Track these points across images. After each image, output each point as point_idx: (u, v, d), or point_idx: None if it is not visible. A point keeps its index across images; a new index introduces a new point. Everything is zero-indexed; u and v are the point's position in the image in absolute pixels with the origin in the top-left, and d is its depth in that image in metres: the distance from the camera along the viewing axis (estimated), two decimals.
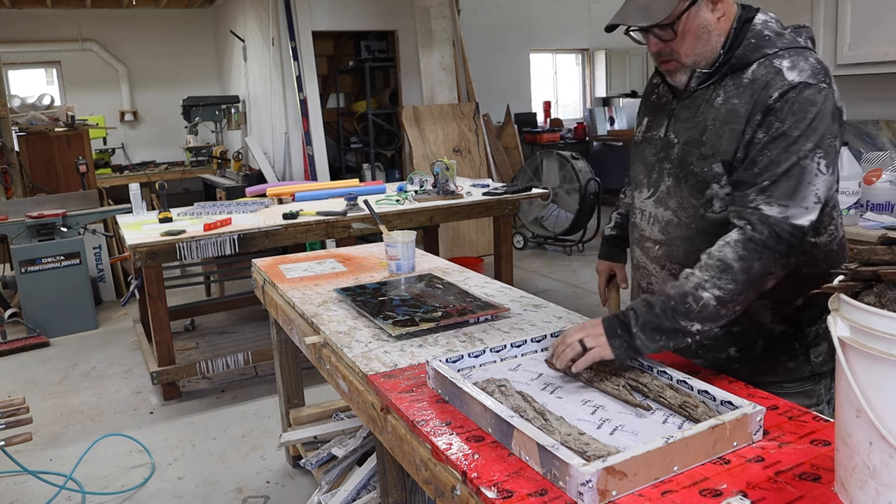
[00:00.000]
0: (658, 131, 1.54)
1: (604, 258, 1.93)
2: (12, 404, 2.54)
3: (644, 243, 1.59)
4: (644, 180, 1.57)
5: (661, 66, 1.47)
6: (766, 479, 1.04)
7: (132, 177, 7.21)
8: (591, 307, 4.91)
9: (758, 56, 1.37)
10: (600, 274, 1.93)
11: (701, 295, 1.29)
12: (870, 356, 0.86)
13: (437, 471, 1.18)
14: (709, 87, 1.43)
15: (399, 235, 2.33)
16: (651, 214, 1.55)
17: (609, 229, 1.92)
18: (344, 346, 1.70)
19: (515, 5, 9.35)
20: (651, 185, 1.55)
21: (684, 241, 1.48)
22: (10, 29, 7.40)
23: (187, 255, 3.41)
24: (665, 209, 1.51)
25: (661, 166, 1.52)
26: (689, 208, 1.46)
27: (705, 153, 1.40)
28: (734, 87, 1.39)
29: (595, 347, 1.34)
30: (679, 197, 1.47)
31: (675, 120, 1.49)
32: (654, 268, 1.57)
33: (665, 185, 1.50)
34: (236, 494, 2.76)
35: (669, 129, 1.51)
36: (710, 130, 1.40)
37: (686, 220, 1.47)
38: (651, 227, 1.56)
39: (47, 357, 4.43)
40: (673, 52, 1.42)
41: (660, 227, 1.53)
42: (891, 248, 0.92)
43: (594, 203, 6.43)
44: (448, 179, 4.22)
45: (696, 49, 1.40)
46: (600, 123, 10.19)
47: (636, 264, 1.65)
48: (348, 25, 6.49)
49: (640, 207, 1.59)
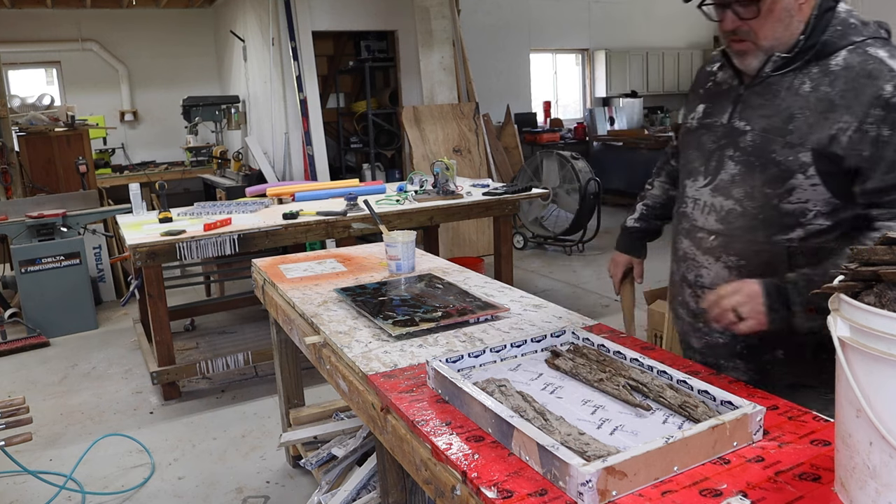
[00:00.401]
0: (719, 118, 1.49)
1: (623, 251, 1.86)
2: (12, 404, 2.54)
3: (695, 234, 1.52)
4: (700, 168, 1.52)
5: (733, 45, 1.42)
6: (766, 479, 1.04)
7: (132, 177, 7.20)
8: (592, 307, 4.92)
9: (846, 43, 1.33)
10: (617, 265, 1.86)
11: None
12: (870, 356, 0.86)
13: (437, 471, 1.18)
14: (787, 73, 1.38)
15: (399, 235, 2.33)
16: (707, 203, 1.49)
17: (632, 221, 1.86)
18: (344, 346, 1.70)
19: (515, 5, 9.35)
20: (709, 174, 1.49)
21: (746, 232, 1.42)
22: (10, 29, 7.40)
23: (187, 255, 3.41)
24: (726, 198, 1.45)
25: (721, 154, 1.47)
26: (759, 198, 1.40)
27: (792, 141, 1.35)
28: (822, 75, 1.34)
29: (752, 320, 1.31)
30: (748, 185, 1.42)
31: (745, 107, 1.44)
32: (705, 259, 1.50)
33: (727, 172, 1.45)
34: (236, 494, 2.76)
35: (735, 115, 1.46)
36: (799, 119, 1.35)
37: (752, 209, 1.41)
38: (706, 216, 1.49)
39: (47, 357, 4.43)
40: (750, 31, 1.37)
41: (717, 216, 1.47)
42: (891, 248, 0.92)
43: (594, 203, 6.43)
44: (448, 179, 4.22)
45: (776, 32, 1.36)
46: (600, 123, 10.20)
47: (682, 255, 1.58)
48: (348, 25, 6.49)
49: (694, 196, 1.53)
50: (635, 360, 1.42)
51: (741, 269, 1.44)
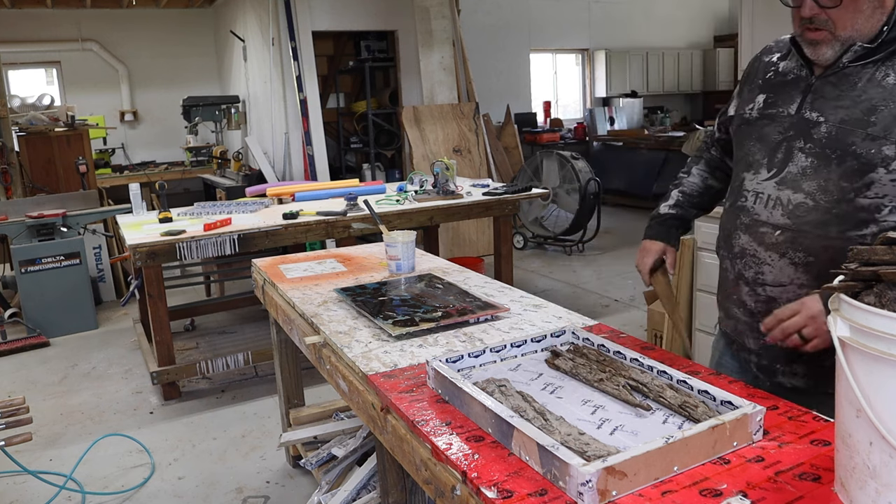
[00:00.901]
0: (786, 108, 1.44)
1: (656, 238, 1.73)
2: (12, 404, 2.54)
3: (757, 228, 1.46)
4: (763, 160, 1.46)
5: (808, 34, 1.37)
6: (766, 479, 1.04)
7: (132, 177, 7.20)
8: (592, 307, 4.92)
9: None
10: (648, 253, 1.72)
11: None
12: (870, 356, 0.86)
13: (437, 471, 1.18)
14: (867, 64, 1.34)
15: (399, 235, 2.33)
16: (772, 197, 1.43)
17: (666, 207, 1.76)
18: (344, 346, 1.70)
19: (515, 5, 9.35)
20: (774, 166, 1.44)
21: (817, 227, 1.37)
22: (10, 29, 7.40)
23: (187, 255, 3.41)
24: (795, 191, 1.40)
25: (789, 145, 1.42)
26: (834, 192, 1.35)
27: (874, 134, 1.30)
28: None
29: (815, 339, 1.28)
30: (822, 179, 1.37)
31: (817, 97, 1.39)
32: (768, 255, 1.44)
33: (798, 165, 1.40)
34: (236, 494, 2.76)
35: (805, 106, 1.41)
36: (882, 111, 1.30)
37: (826, 204, 1.36)
38: (771, 210, 1.43)
39: (47, 357, 4.43)
40: (829, 20, 1.32)
41: (784, 210, 1.41)
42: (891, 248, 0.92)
43: (594, 203, 6.43)
44: (448, 179, 4.22)
45: (857, 23, 1.31)
46: (600, 123, 10.20)
47: (739, 252, 1.50)
48: (348, 25, 6.49)
49: (756, 189, 1.47)
50: (635, 360, 1.42)
51: (809, 265, 1.39)
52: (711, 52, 11.15)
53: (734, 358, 1.63)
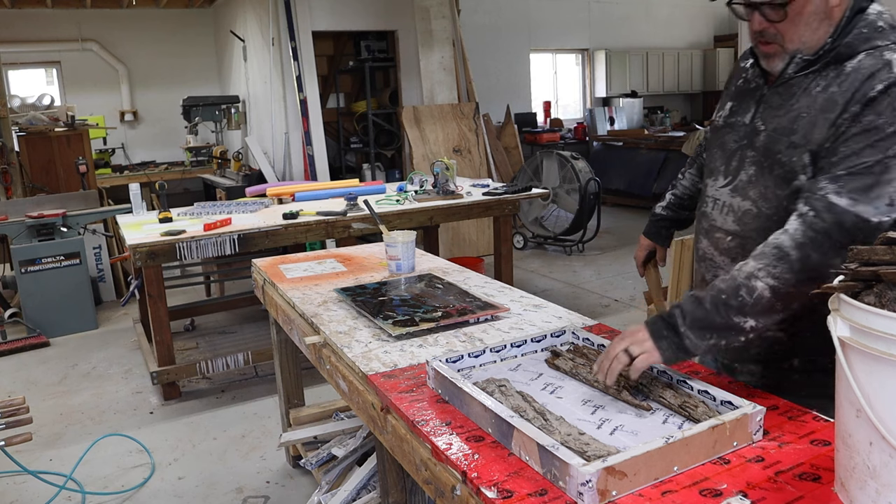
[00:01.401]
0: (743, 117, 1.47)
1: (647, 235, 1.88)
2: (12, 404, 2.54)
3: (714, 234, 1.51)
4: (721, 167, 1.50)
5: (760, 47, 1.40)
6: (766, 479, 1.04)
7: (132, 177, 7.20)
8: (592, 307, 4.92)
9: (867, 47, 1.29)
10: (640, 248, 1.88)
11: (754, 285, 1.22)
12: (870, 356, 0.86)
13: (437, 471, 1.18)
14: (807, 74, 1.36)
15: (399, 235, 2.33)
16: (726, 204, 1.47)
17: (660, 208, 1.86)
18: (344, 346, 1.70)
19: (515, 5, 9.36)
20: (729, 173, 1.47)
21: (761, 234, 1.39)
22: (10, 29, 7.40)
23: (187, 255, 3.41)
24: (744, 199, 1.43)
25: (742, 154, 1.44)
26: (772, 199, 1.39)
27: (796, 142, 1.33)
28: (835, 76, 1.31)
29: (642, 354, 1.26)
30: (762, 187, 1.40)
31: (766, 107, 1.42)
32: (722, 260, 1.49)
33: (746, 173, 1.43)
34: (236, 494, 2.76)
35: (757, 115, 1.44)
36: (804, 119, 1.33)
37: (767, 211, 1.40)
38: (725, 217, 1.47)
39: (47, 357, 4.43)
40: (778, 34, 1.34)
41: (735, 217, 1.45)
42: (891, 248, 0.92)
43: (594, 203, 6.43)
44: (448, 179, 4.22)
45: (804, 36, 1.33)
46: (600, 123, 10.21)
47: (701, 255, 1.56)
48: (348, 25, 6.49)
49: (714, 196, 1.51)
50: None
51: None
52: (711, 52, 11.15)
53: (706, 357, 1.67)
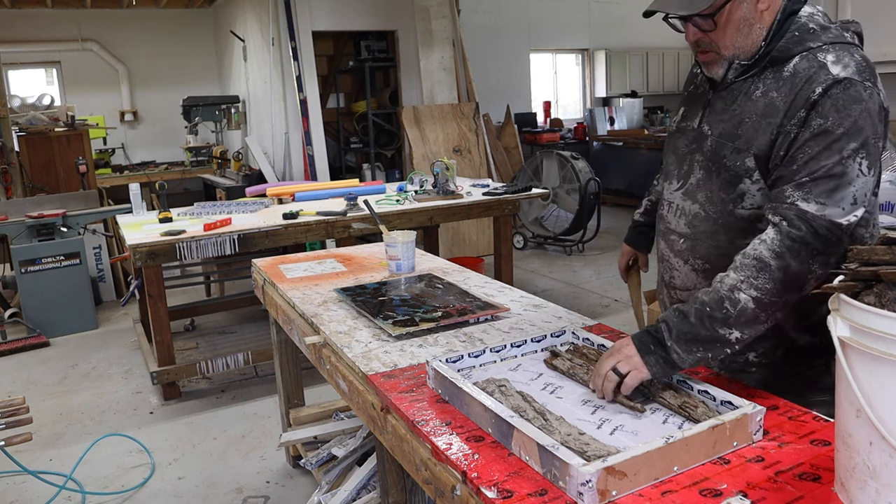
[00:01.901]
0: (692, 122, 1.51)
1: (627, 243, 1.94)
2: (12, 404, 2.54)
3: (669, 236, 1.55)
4: (674, 171, 1.54)
5: (699, 56, 1.43)
6: (766, 479, 1.04)
7: (132, 177, 7.20)
8: (592, 307, 4.92)
9: (801, 49, 1.32)
10: (622, 255, 1.95)
11: (738, 297, 1.23)
12: (870, 356, 0.86)
13: (437, 471, 1.18)
14: (747, 79, 1.39)
15: (399, 235, 2.33)
16: (678, 207, 1.51)
17: (638, 215, 1.91)
18: (344, 346, 1.70)
19: (515, 5, 9.35)
20: (681, 177, 1.51)
21: (709, 237, 1.44)
22: (10, 29, 7.40)
23: (187, 255, 3.41)
24: (693, 202, 1.47)
25: (692, 158, 1.48)
26: (717, 203, 1.42)
27: (739, 146, 1.36)
28: (774, 81, 1.34)
29: (631, 371, 1.26)
30: (708, 190, 1.43)
31: (711, 111, 1.46)
32: (676, 262, 1.53)
33: (695, 177, 1.47)
34: (236, 494, 2.76)
35: (704, 120, 1.47)
36: (747, 124, 1.36)
37: (713, 214, 1.43)
38: (677, 219, 1.52)
39: (47, 357, 4.43)
40: (712, 43, 1.38)
41: (686, 220, 1.49)
42: (891, 248, 0.92)
43: (594, 203, 6.43)
44: (448, 179, 4.22)
45: (737, 42, 1.36)
46: (600, 123, 10.21)
47: (661, 256, 1.61)
48: (348, 25, 6.49)
49: (668, 199, 1.56)
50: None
51: (707, 271, 1.46)
52: None
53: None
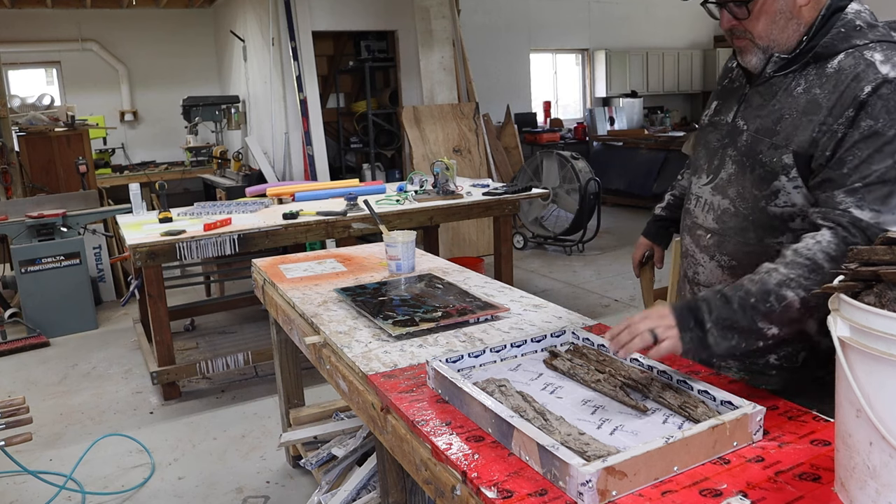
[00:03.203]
0: (725, 116, 1.49)
1: (646, 236, 1.88)
2: (12, 404, 2.54)
3: (695, 231, 1.53)
4: (704, 166, 1.52)
5: (734, 42, 1.41)
6: (766, 479, 1.04)
7: (132, 177, 7.20)
8: (592, 307, 4.92)
9: (846, 46, 1.30)
10: (638, 248, 1.88)
11: (785, 294, 1.21)
12: (870, 356, 0.86)
13: (437, 471, 1.18)
14: (787, 74, 1.37)
15: (399, 235, 2.33)
16: (707, 202, 1.49)
17: (659, 209, 1.87)
18: (344, 346, 1.70)
19: (515, 5, 9.35)
20: (711, 172, 1.49)
21: (737, 233, 1.42)
22: (10, 29, 7.39)
23: (187, 255, 3.41)
24: (723, 197, 1.45)
25: (724, 153, 1.46)
26: (749, 199, 1.40)
27: (777, 143, 1.34)
28: (817, 77, 1.32)
29: (666, 340, 1.25)
30: (740, 186, 1.42)
31: (746, 106, 1.44)
32: (702, 257, 1.51)
33: (726, 172, 1.45)
34: (236, 494, 2.76)
35: (738, 114, 1.45)
36: (786, 120, 1.34)
37: (744, 210, 1.41)
38: (705, 214, 1.49)
39: (47, 357, 4.43)
40: (745, 31, 1.37)
41: (714, 215, 1.47)
42: (891, 248, 0.92)
43: (594, 203, 6.43)
44: (448, 179, 4.22)
45: (772, 33, 1.35)
46: (600, 123, 10.21)
47: (685, 252, 1.58)
48: (348, 25, 6.49)
49: (696, 194, 1.53)
50: (635, 359, 1.42)
51: (733, 268, 1.45)
52: (711, 52, 11.15)
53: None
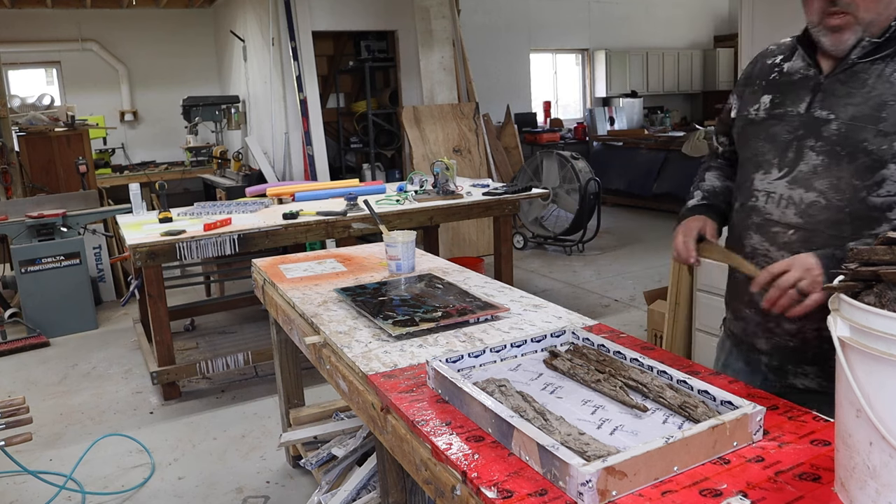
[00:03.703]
0: (794, 108, 1.45)
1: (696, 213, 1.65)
2: (12, 404, 2.54)
3: (770, 228, 1.46)
4: (773, 160, 1.46)
5: (830, 20, 1.36)
6: (766, 479, 1.04)
7: (132, 177, 7.20)
8: (592, 307, 4.92)
9: None
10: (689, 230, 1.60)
11: None
12: (870, 356, 0.86)
13: (437, 471, 1.18)
14: (875, 60, 1.34)
15: (399, 235, 2.33)
16: (784, 196, 1.43)
17: (695, 201, 1.71)
18: (344, 346, 1.70)
19: (515, 5, 9.36)
20: (785, 165, 1.44)
21: (830, 227, 1.37)
22: (10, 29, 7.39)
23: (187, 255, 3.41)
24: (808, 190, 1.40)
25: (800, 144, 1.42)
26: (846, 190, 1.35)
27: (885, 129, 1.31)
28: None
29: (814, 294, 1.23)
30: (834, 177, 1.37)
31: (827, 96, 1.40)
32: (781, 255, 1.43)
33: (809, 164, 1.40)
34: (236, 494, 2.76)
35: (815, 105, 1.41)
36: (892, 106, 1.31)
37: (839, 203, 1.36)
38: (782, 210, 1.43)
39: (47, 357, 4.43)
40: (851, 3, 1.32)
41: (797, 210, 1.41)
42: (891, 248, 0.92)
43: (594, 203, 6.43)
44: (448, 179, 4.22)
45: (878, 7, 1.31)
46: (600, 123, 10.21)
47: (750, 251, 1.50)
48: (348, 25, 6.49)
49: (766, 189, 1.47)
50: (635, 360, 1.42)
51: None
52: (711, 52, 11.15)
53: (742, 359, 1.62)
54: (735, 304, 1.62)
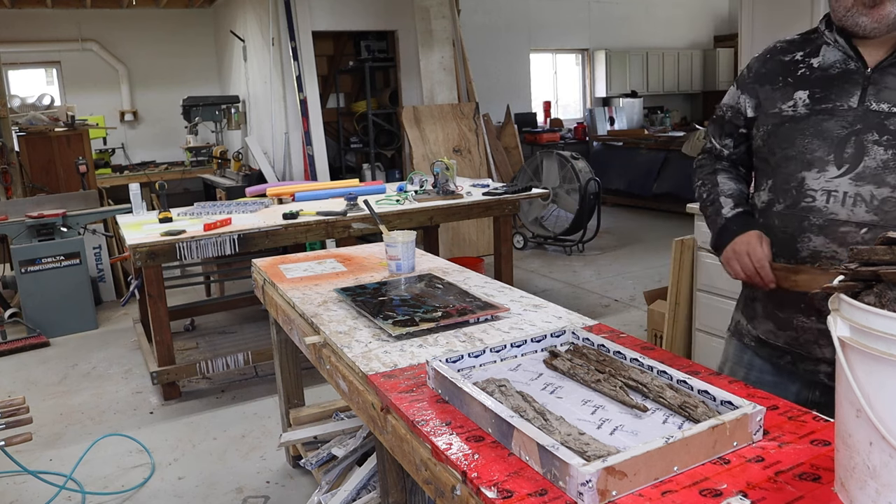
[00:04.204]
0: (843, 102, 1.42)
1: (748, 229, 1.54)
2: (12, 404, 2.54)
3: (836, 229, 1.40)
4: (828, 157, 1.42)
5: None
6: (766, 479, 1.04)
7: (132, 177, 7.20)
8: (592, 307, 4.92)
9: None
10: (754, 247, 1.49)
11: None
12: (870, 356, 0.86)
13: (437, 471, 1.18)
14: None
15: (399, 235, 2.33)
16: (850, 194, 1.39)
17: (730, 208, 1.62)
18: (344, 346, 1.70)
19: (515, 5, 9.36)
20: (844, 162, 1.40)
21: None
22: (10, 29, 7.40)
23: (187, 255, 3.41)
24: (879, 186, 1.36)
25: (859, 139, 1.39)
26: None
27: None
28: None
29: None
30: None
31: (881, 88, 1.38)
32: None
33: (876, 159, 1.37)
34: (236, 494, 2.76)
35: (868, 98, 1.39)
36: None
37: None
38: (850, 208, 1.38)
39: (47, 357, 4.43)
40: None
41: (868, 206, 1.37)
42: (891, 248, 0.92)
43: (594, 203, 6.43)
44: (448, 179, 4.22)
45: None
46: (600, 123, 10.21)
47: (810, 255, 1.45)
48: (348, 25, 6.49)
49: (826, 188, 1.42)
50: (635, 360, 1.42)
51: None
52: (711, 52, 11.15)
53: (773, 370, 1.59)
54: (781, 315, 1.54)
